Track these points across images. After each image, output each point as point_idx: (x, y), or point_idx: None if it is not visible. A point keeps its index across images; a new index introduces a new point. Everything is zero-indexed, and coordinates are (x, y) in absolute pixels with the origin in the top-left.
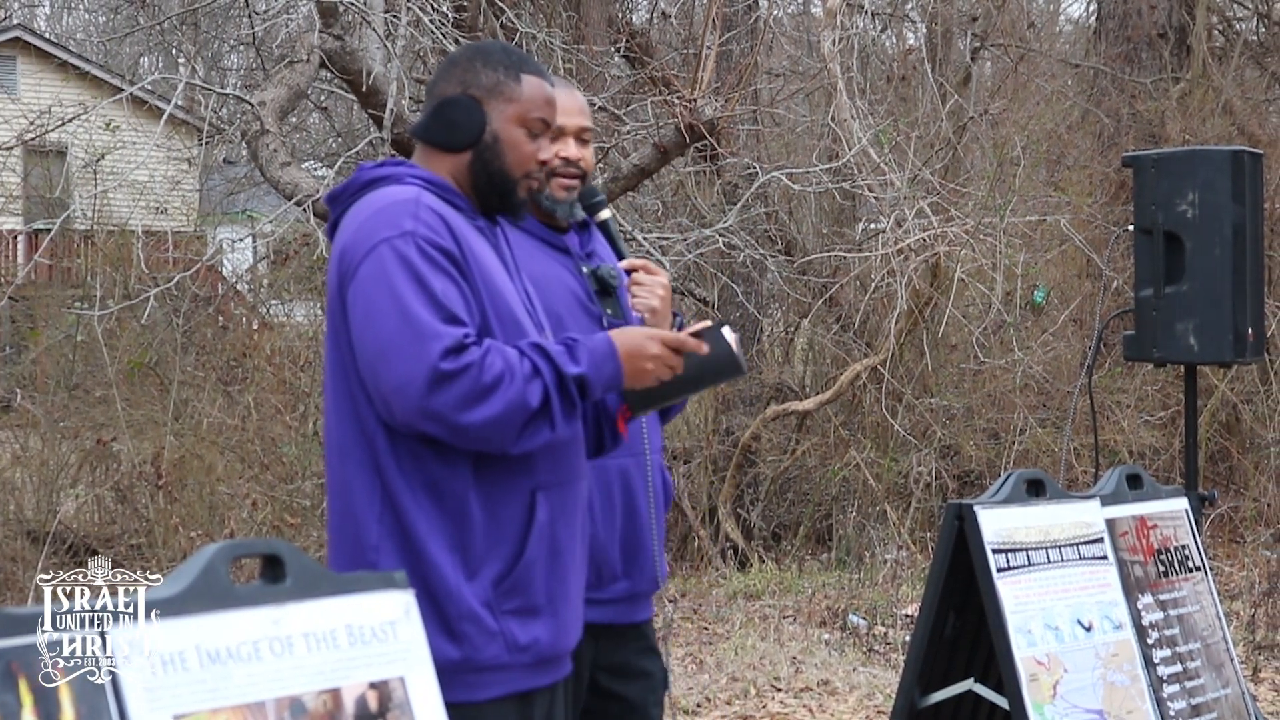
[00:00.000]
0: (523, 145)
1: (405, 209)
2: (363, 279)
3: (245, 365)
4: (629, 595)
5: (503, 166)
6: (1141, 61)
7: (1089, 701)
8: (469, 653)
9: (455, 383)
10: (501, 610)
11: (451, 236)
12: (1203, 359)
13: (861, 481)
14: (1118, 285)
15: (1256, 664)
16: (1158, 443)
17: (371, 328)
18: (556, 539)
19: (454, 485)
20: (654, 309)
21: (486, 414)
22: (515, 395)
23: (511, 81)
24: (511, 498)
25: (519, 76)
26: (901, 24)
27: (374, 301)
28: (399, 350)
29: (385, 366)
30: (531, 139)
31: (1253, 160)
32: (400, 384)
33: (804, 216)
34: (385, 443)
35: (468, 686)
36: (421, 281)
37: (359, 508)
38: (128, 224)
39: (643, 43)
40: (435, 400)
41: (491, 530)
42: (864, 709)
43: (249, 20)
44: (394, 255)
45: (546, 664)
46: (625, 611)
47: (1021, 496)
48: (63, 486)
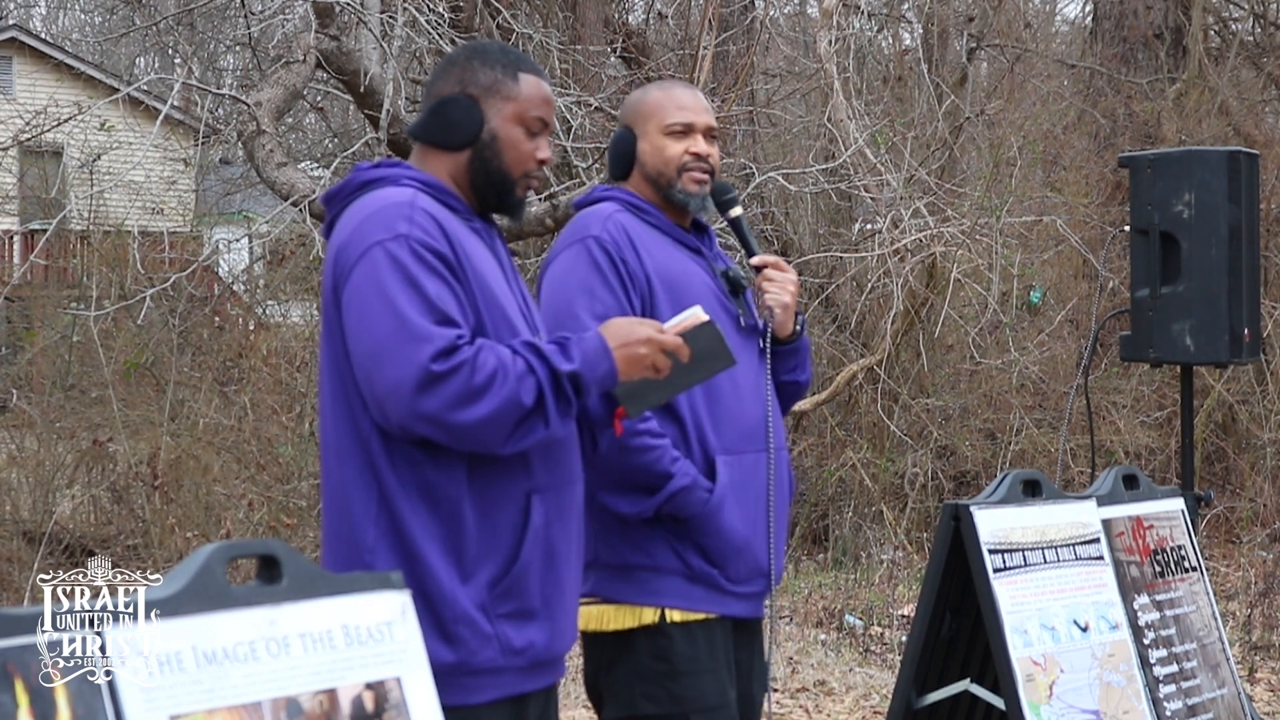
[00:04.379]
0: (521, 144)
1: (399, 212)
2: (356, 282)
3: (241, 366)
4: (768, 588)
5: (501, 165)
6: (1138, 62)
7: (1085, 702)
8: (464, 656)
9: (446, 383)
10: (496, 614)
11: (445, 239)
12: (1199, 359)
13: (858, 482)
14: (1114, 286)
15: (1252, 664)
16: (1154, 443)
17: (365, 331)
18: (552, 542)
19: (449, 489)
20: (785, 304)
21: (480, 413)
22: (509, 394)
23: (509, 80)
24: (506, 501)
25: (517, 75)
26: (898, 24)
27: (367, 304)
28: (390, 353)
29: (378, 369)
30: (530, 138)
31: (1249, 161)
32: (392, 387)
33: (800, 217)
34: (380, 446)
35: (463, 689)
36: (414, 284)
37: (355, 510)
38: (124, 224)
39: (639, 43)
40: (427, 402)
41: (486, 533)
42: (860, 709)
43: (245, 20)
44: (387, 258)
45: (541, 667)
46: (760, 605)
47: (1018, 497)
48: (59, 487)
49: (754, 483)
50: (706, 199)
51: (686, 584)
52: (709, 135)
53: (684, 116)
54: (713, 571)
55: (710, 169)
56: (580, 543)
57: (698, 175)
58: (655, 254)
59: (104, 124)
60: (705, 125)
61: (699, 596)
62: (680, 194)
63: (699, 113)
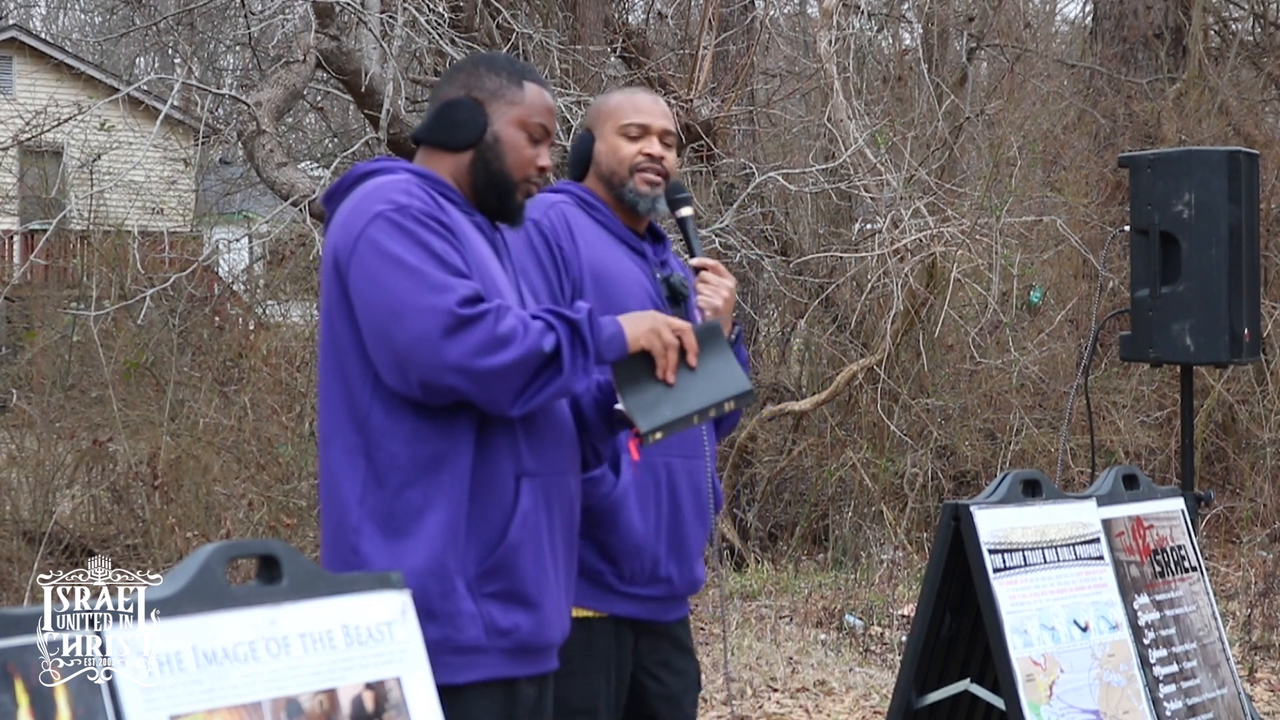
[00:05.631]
0: (523, 148)
1: (397, 186)
2: (362, 252)
3: (241, 366)
4: (669, 595)
5: (503, 168)
6: (1138, 62)
7: (1085, 702)
8: (448, 633)
9: (474, 328)
10: (482, 593)
11: (443, 213)
12: (1199, 359)
13: (858, 482)
14: (1114, 286)
15: (1252, 664)
16: (1154, 443)
17: (380, 294)
18: (540, 528)
19: (456, 463)
20: (716, 308)
21: (506, 358)
22: (532, 342)
23: (514, 86)
24: (497, 482)
25: (521, 83)
26: (898, 24)
27: (379, 269)
28: (413, 305)
29: (399, 326)
30: (532, 144)
31: (1249, 160)
32: (417, 337)
33: (800, 217)
34: (382, 421)
35: (448, 668)
36: (423, 244)
37: (343, 491)
38: (124, 224)
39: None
40: (454, 348)
41: (476, 512)
42: (860, 709)
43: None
44: (391, 225)
45: (529, 653)
46: (663, 610)
47: (1018, 497)
48: (59, 487)
49: (668, 487)
50: (658, 200)
51: None
52: (665, 140)
53: (640, 118)
54: (602, 568)
55: (664, 172)
56: (572, 537)
57: (650, 176)
58: (595, 248)
59: (104, 124)
60: (662, 129)
61: (580, 593)
62: (631, 194)
63: (656, 116)
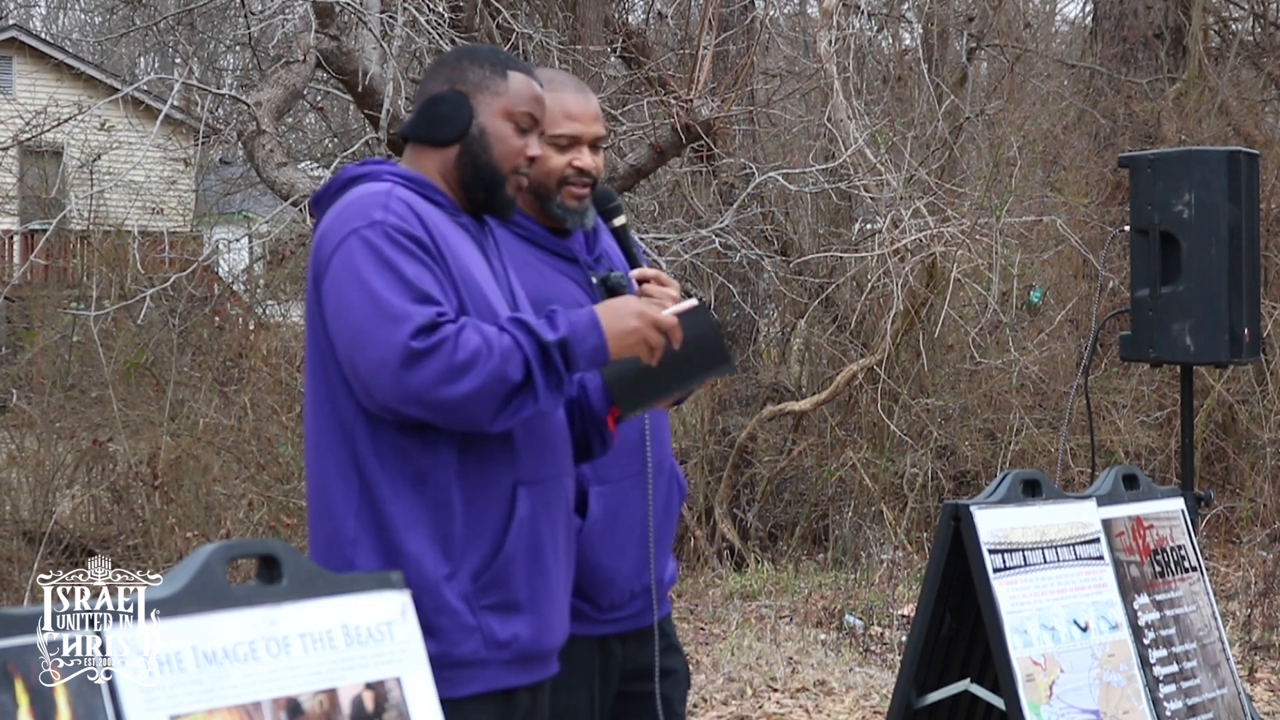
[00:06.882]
0: (510, 139)
1: (375, 200)
2: (334, 271)
3: (241, 366)
4: (648, 605)
5: (490, 160)
6: (1138, 62)
7: (1085, 702)
8: (446, 648)
9: (429, 360)
10: (480, 605)
11: (422, 226)
12: (1199, 359)
13: (858, 482)
14: (1114, 286)
15: (1252, 664)
16: (1154, 443)
17: (345, 316)
18: (538, 535)
19: (437, 477)
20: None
21: (465, 389)
22: (494, 369)
23: (498, 77)
24: (492, 492)
25: (505, 73)
26: (898, 24)
27: (345, 291)
28: (371, 335)
29: (360, 353)
30: (519, 134)
31: (1249, 160)
32: (375, 367)
33: (800, 217)
34: (366, 434)
35: (446, 682)
36: (390, 266)
37: (336, 502)
38: (124, 224)
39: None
40: (411, 379)
41: (471, 524)
42: (860, 709)
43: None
44: (362, 244)
45: (528, 662)
46: (645, 616)
47: (1018, 497)
48: (59, 487)
49: (628, 508)
50: (588, 211)
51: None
52: (595, 146)
53: (570, 128)
54: (580, 605)
55: (592, 180)
56: (570, 541)
57: (577, 191)
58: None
59: (104, 124)
60: (592, 136)
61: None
62: (559, 209)
63: (587, 122)
